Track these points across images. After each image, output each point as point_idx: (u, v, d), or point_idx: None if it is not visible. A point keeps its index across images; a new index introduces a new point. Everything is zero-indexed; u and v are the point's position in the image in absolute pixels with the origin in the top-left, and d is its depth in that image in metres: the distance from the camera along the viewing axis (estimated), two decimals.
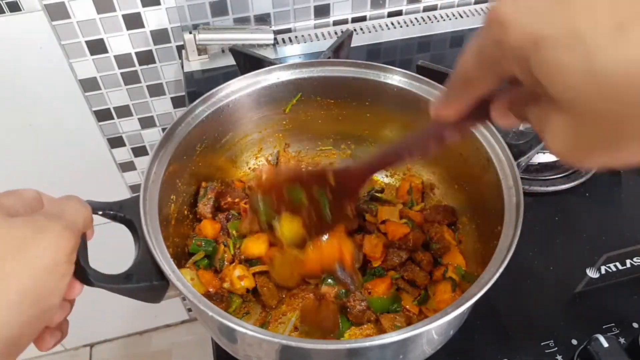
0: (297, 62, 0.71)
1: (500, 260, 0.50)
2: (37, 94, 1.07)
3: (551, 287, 0.69)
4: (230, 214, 0.70)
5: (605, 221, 0.78)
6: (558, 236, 0.76)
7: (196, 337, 1.85)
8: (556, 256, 0.73)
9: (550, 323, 0.65)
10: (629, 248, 0.73)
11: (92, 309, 1.64)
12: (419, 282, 0.65)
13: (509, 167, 0.59)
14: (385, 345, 0.46)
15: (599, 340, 0.57)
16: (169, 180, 0.61)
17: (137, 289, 0.50)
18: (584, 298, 0.68)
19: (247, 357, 0.56)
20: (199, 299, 0.47)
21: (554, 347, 0.62)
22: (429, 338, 0.53)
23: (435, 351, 0.58)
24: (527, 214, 0.79)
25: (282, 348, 0.48)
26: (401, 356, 0.52)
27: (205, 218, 0.69)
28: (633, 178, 0.84)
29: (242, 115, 0.72)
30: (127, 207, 0.55)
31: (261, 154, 0.79)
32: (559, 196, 0.81)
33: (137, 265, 0.51)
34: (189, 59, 1.06)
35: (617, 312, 0.66)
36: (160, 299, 0.53)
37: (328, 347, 0.45)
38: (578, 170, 0.83)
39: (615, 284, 0.69)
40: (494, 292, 0.69)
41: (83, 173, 1.26)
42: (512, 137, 0.85)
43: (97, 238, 0.50)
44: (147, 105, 1.19)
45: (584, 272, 0.71)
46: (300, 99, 0.73)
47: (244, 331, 0.45)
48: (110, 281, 0.49)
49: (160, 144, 0.61)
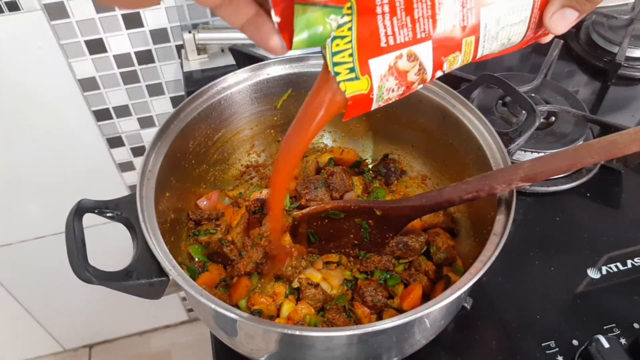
0: (288, 57, 0.71)
1: (494, 245, 0.50)
2: (36, 94, 1.07)
3: (552, 287, 0.69)
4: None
5: (606, 221, 0.77)
6: (559, 236, 0.75)
7: (196, 338, 1.85)
8: (557, 256, 0.72)
9: (551, 323, 0.65)
10: (630, 248, 0.73)
11: (91, 309, 1.65)
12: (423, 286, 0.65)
13: (500, 154, 0.59)
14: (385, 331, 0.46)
15: (600, 341, 0.57)
16: (164, 178, 0.61)
17: (137, 285, 0.50)
18: (585, 298, 0.67)
19: (248, 351, 0.56)
20: (199, 292, 0.47)
21: (555, 348, 0.62)
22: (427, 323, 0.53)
23: (435, 350, 0.57)
24: (527, 214, 0.79)
25: (282, 337, 0.48)
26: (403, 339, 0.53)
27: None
28: (633, 178, 0.83)
29: (234, 111, 0.72)
30: (124, 205, 0.55)
31: (253, 151, 0.79)
32: (560, 196, 0.81)
33: (137, 262, 0.51)
34: (188, 58, 1.06)
35: (618, 312, 0.65)
36: (161, 294, 0.53)
37: (328, 335, 0.46)
38: (579, 171, 0.83)
39: (616, 285, 0.69)
40: (494, 292, 0.69)
41: (82, 173, 1.26)
42: (501, 124, 0.86)
43: (96, 237, 0.50)
44: (147, 105, 1.19)
45: (585, 273, 0.70)
46: (291, 94, 0.73)
47: (243, 321, 0.45)
48: (111, 279, 0.49)
49: (154, 141, 0.61)
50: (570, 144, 0.83)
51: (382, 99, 0.42)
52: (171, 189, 0.63)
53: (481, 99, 0.91)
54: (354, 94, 0.40)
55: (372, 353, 0.52)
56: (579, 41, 1.12)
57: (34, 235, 1.36)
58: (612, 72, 1.02)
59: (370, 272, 0.66)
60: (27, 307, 1.56)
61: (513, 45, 0.44)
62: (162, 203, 0.59)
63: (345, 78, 0.39)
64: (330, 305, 0.63)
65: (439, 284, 0.63)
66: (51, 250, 1.37)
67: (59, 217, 0.65)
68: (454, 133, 0.66)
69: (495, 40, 0.42)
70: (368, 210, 0.63)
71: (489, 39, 0.41)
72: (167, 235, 0.60)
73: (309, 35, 0.35)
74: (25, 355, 1.79)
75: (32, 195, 1.26)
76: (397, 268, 0.66)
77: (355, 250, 0.67)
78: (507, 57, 1.08)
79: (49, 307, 1.59)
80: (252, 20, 0.37)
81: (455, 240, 0.69)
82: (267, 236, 0.68)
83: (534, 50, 1.10)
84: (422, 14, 0.38)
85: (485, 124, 0.62)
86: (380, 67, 0.39)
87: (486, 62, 1.05)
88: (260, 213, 0.72)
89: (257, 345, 0.53)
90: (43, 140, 1.16)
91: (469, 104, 0.64)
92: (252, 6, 0.37)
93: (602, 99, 1.00)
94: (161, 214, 0.58)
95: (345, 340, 0.49)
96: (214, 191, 0.74)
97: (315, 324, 0.61)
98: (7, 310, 1.53)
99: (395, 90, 0.41)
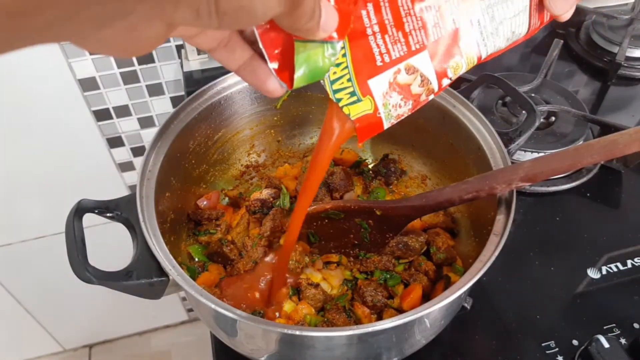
0: None
1: (494, 245, 0.50)
2: (35, 94, 1.07)
3: (552, 287, 0.69)
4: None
5: (606, 221, 0.78)
6: (559, 236, 0.75)
7: (196, 338, 1.85)
8: (557, 256, 0.72)
9: (551, 324, 0.65)
10: (630, 248, 0.73)
11: (91, 309, 1.65)
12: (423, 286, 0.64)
13: (500, 154, 0.59)
14: (385, 331, 0.46)
15: (600, 341, 0.57)
16: (164, 178, 0.61)
17: (137, 285, 0.50)
18: (585, 298, 0.67)
19: (248, 351, 0.56)
20: (199, 292, 0.47)
21: (555, 348, 0.62)
22: (427, 323, 0.53)
23: (435, 350, 0.57)
24: (527, 214, 0.79)
25: (282, 337, 0.48)
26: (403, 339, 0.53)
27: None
28: (633, 178, 0.83)
29: (234, 111, 0.72)
30: (124, 205, 0.55)
31: (253, 151, 0.79)
32: (560, 196, 0.81)
33: (137, 262, 0.52)
34: (188, 58, 1.06)
35: (618, 312, 0.65)
36: (161, 294, 0.53)
37: (328, 335, 0.46)
38: (579, 171, 0.83)
39: (616, 285, 0.69)
40: (494, 292, 0.69)
41: (82, 173, 1.25)
42: (501, 124, 0.86)
43: (96, 237, 0.50)
44: (147, 105, 1.18)
45: (585, 273, 0.70)
46: (291, 94, 0.74)
47: (243, 321, 0.45)
48: (111, 279, 0.49)
49: (154, 141, 0.61)
50: (570, 144, 0.83)
51: (392, 117, 0.42)
52: (171, 189, 0.63)
53: (481, 99, 0.91)
54: (359, 116, 0.40)
55: (372, 353, 0.52)
56: (579, 41, 1.12)
57: (34, 235, 1.36)
58: (612, 72, 1.02)
59: (370, 272, 0.66)
60: (27, 307, 1.56)
61: (520, 36, 0.43)
62: (162, 203, 0.59)
63: (348, 102, 0.39)
64: (330, 305, 0.63)
65: (439, 284, 0.63)
66: (51, 250, 1.37)
67: (59, 217, 0.65)
68: (454, 133, 0.66)
69: (496, 37, 0.41)
70: (368, 210, 0.63)
71: (489, 37, 0.41)
72: (167, 235, 0.60)
73: (309, 71, 0.35)
74: (25, 355, 1.79)
75: (32, 195, 1.26)
76: (397, 268, 0.66)
77: (355, 250, 0.67)
78: (507, 57, 1.08)
79: (49, 307, 1.59)
80: (248, 63, 0.37)
81: (455, 240, 0.69)
82: (267, 237, 0.68)
83: (534, 50, 1.10)
84: (413, 26, 0.38)
85: (485, 124, 0.62)
86: (381, 86, 0.39)
87: (486, 62, 1.04)
88: (260, 213, 0.72)
89: (257, 345, 0.53)
90: (43, 140, 1.16)
91: (469, 104, 0.64)
92: (247, 49, 0.37)
93: (602, 99, 1.00)
94: (161, 214, 0.58)
95: (345, 340, 0.49)
96: (214, 191, 0.74)
97: (315, 324, 0.61)
98: (7, 310, 1.53)
99: (402, 105, 0.41)
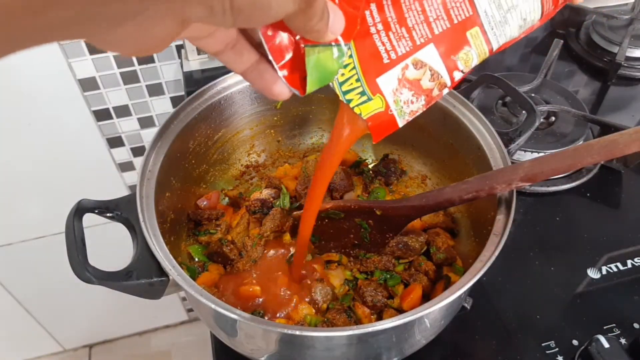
0: None
1: (494, 245, 0.50)
2: (35, 94, 1.07)
3: (552, 287, 0.69)
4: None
5: (606, 221, 0.77)
6: (559, 236, 0.75)
7: (196, 338, 1.85)
8: (557, 256, 0.72)
9: (551, 324, 0.65)
10: (630, 248, 0.73)
11: (91, 309, 1.65)
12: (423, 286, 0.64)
13: (500, 154, 0.59)
14: (385, 331, 0.46)
15: (600, 341, 0.57)
16: (164, 178, 0.61)
17: (137, 285, 0.50)
18: (585, 298, 0.67)
19: (248, 351, 0.56)
20: (199, 292, 0.47)
21: (555, 348, 0.62)
22: (427, 323, 0.53)
23: (435, 350, 0.57)
24: (527, 214, 0.79)
25: (282, 337, 0.49)
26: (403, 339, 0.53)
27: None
28: (633, 178, 0.83)
29: (234, 111, 0.72)
30: (124, 205, 0.55)
31: (253, 151, 0.79)
32: (560, 196, 0.81)
33: (137, 262, 0.52)
34: (188, 58, 1.06)
35: (618, 312, 0.65)
36: (161, 294, 0.53)
37: (328, 335, 0.46)
38: (579, 171, 0.83)
39: (616, 285, 0.69)
40: (494, 292, 0.69)
41: (82, 173, 1.25)
42: (501, 124, 0.86)
43: (96, 237, 0.50)
44: (147, 105, 1.18)
45: (585, 273, 0.70)
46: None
47: (243, 321, 0.45)
48: (111, 278, 0.49)
49: (154, 141, 0.61)
50: (570, 144, 0.83)
51: (405, 113, 0.41)
52: (171, 189, 0.63)
53: (481, 99, 0.91)
54: (371, 114, 0.40)
55: (372, 353, 0.52)
56: (579, 41, 1.12)
57: (34, 235, 1.36)
58: (612, 72, 1.02)
59: (370, 272, 0.66)
60: (27, 307, 1.56)
61: (534, 22, 0.42)
62: (162, 203, 0.59)
63: (359, 102, 0.39)
64: (333, 305, 0.63)
65: (439, 284, 0.63)
66: (51, 250, 1.37)
67: (59, 217, 0.65)
68: (454, 133, 0.66)
69: (506, 25, 0.40)
70: (368, 210, 0.63)
71: (498, 26, 0.40)
72: (167, 235, 0.60)
73: (320, 75, 0.36)
74: (25, 355, 1.79)
75: (32, 195, 1.26)
76: (397, 268, 0.66)
77: (356, 250, 0.67)
78: (507, 57, 1.08)
79: (49, 307, 1.59)
80: (254, 66, 0.37)
81: (455, 240, 0.69)
82: (267, 236, 0.68)
83: (534, 50, 1.10)
84: (416, 20, 0.38)
85: (485, 124, 0.62)
86: (390, 83, 0.39)
87: (486, 62, 1.05)
88: (260, 213, 0.72)
89: (257, 345, 0.53)
90: (43, 140, 1.16)
91: (469, 104, 0.64)
92: (254, 53, 0.37)
93: (602, 99, 1.00)
94: (161, 214, 0.58)
95: (345, 340, 0.49)
96: (214, 191, 0.74)
97: (315, 324, 0.61)
98: (7, 311, 1.53)
99: (415, 101, 0.41)
